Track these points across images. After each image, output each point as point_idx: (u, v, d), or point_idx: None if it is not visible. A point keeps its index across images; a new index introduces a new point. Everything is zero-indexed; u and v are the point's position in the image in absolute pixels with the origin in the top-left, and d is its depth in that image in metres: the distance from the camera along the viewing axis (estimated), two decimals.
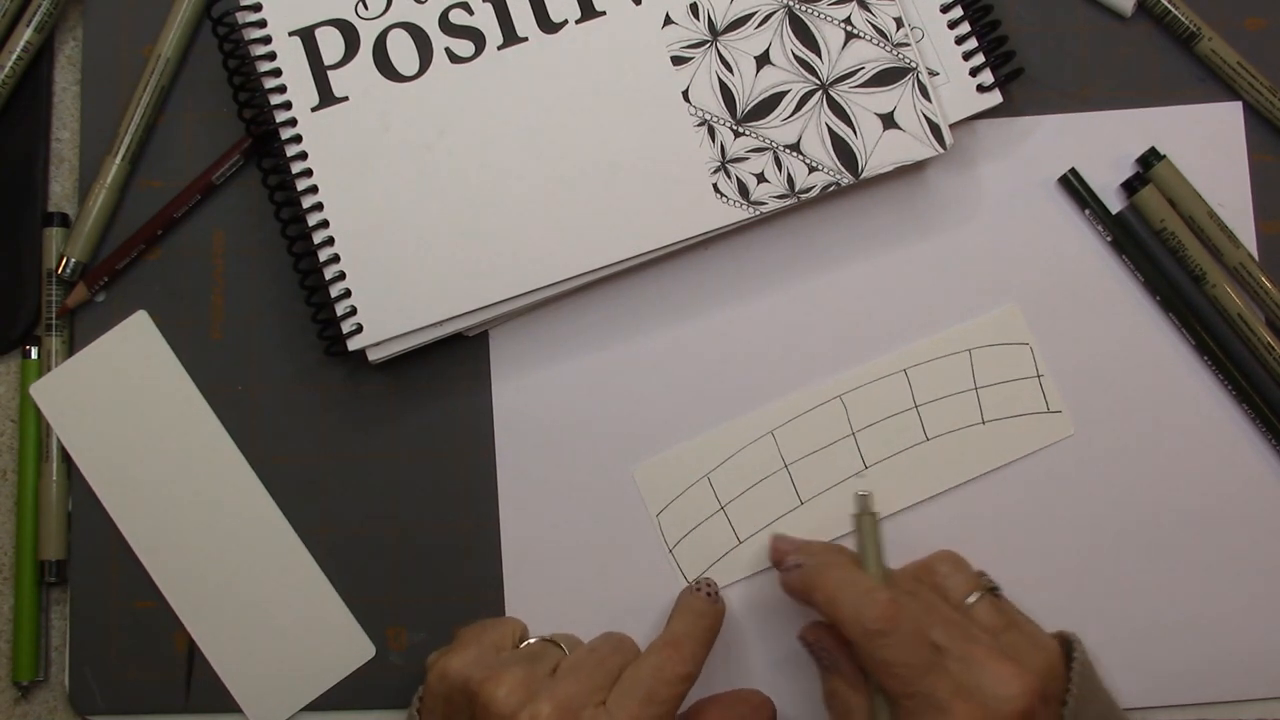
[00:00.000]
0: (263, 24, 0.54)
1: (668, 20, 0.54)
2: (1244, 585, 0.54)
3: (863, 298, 0.55)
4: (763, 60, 0.53)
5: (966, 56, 0.54)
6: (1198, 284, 0.55)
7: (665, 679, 0.48)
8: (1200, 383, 0.55)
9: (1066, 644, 0.49)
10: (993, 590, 0.50)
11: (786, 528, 0.54)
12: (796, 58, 0.54)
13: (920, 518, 0.54)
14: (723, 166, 0.53)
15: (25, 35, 0.55)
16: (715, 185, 0.53)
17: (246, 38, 0.54)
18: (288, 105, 0.53)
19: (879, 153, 0.53)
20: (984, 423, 0.55)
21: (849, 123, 0.53)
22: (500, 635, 0.51)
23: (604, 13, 0.54)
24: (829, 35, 0.54)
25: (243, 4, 0.54)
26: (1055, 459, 0.54)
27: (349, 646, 0.54)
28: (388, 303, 0.52)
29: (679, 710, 0.52)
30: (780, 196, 0.53)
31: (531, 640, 0.52)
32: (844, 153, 0.53)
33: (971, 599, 0.49)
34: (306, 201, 0.53)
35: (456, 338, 0.54)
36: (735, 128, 0.53)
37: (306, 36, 0.53)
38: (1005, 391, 0.55)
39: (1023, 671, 0.45)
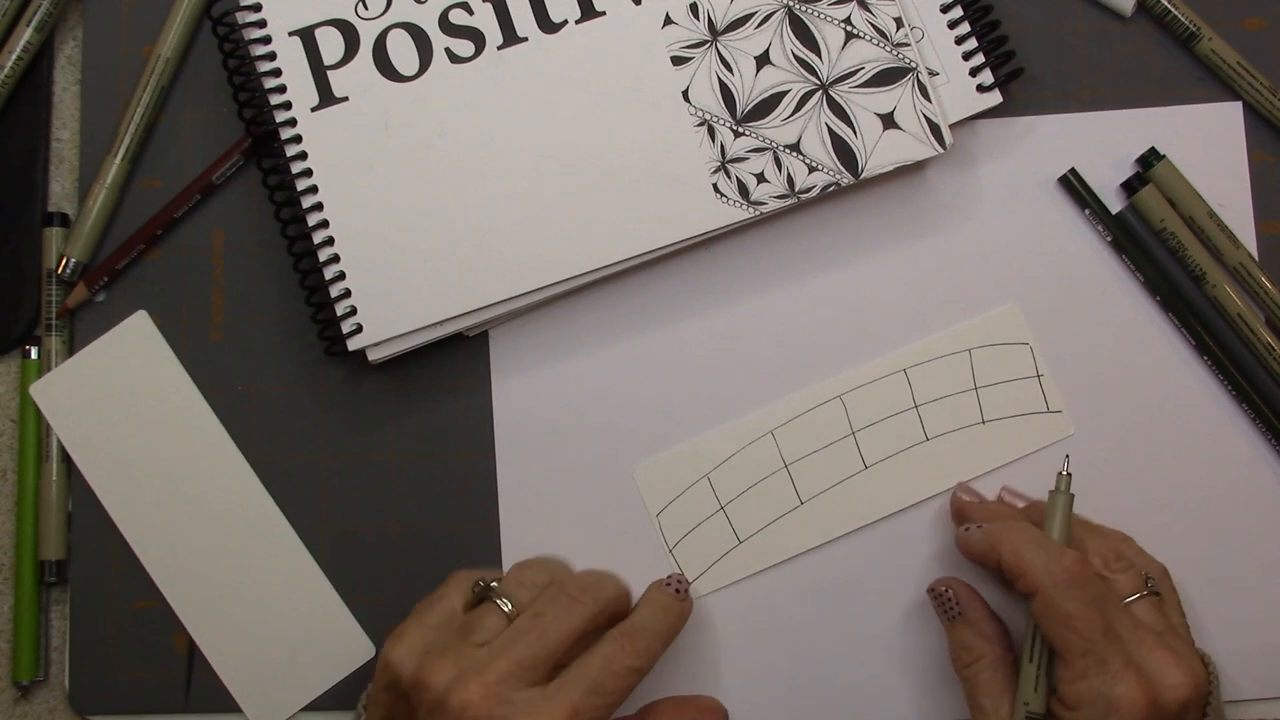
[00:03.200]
0: (263, 24, 0.54)
1: (668, 20, 0.54)
2: (1244, 585, 0.54)
3: (863, 298, 0.55)
4: (763, 60, 0.53)
5: (966, 56, 0.54)
6: (1198, 284, 0.55)
7: (614, 670, 0.47)
8: (1200, 383, 0.55)
9: (1204, 661, 0.49)
10: (1155, 594, 0.50)
11: (786, 528, 0.54)
12: (796, 58, 0.54)
13: (921, 517, 0.54)
14: (723, 166, 0.53)
15: (25, 35, 0.55)
16: (715, 185, 0.53)
17: (246, 38, 0.54)
18: (288, 105, 0.53)
19: (879, 153, 0.53)
20: (984, 422, 0.55)
21: (849, 123, 0.53)
22: (444, 610, 0.49)
23: (604, 13, 0.54)
24: (829, 35, 0.54)
25: (243, 4, 0.54)
26: (1056, 459, 0.54)
27: (349, 646, 0.54)
28: (388, 303, 0.52)
29: (633, 707, 0.51)
30: (780, 196, 0.53)
31: (483, 585, 0.50)
32: (844, 153, 0.53)
33: (1133, 597, 0.49)
34: (306, 201, 0.53)
35: (456, 338, 0.54)
36: (735, 128, 0.53)
37: (306, 36, 0.53)
38: (1005, 391, 0.55)
39: (1185, 665, 0.46)
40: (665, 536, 0.54)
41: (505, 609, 0.48)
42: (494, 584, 0.50)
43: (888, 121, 0.53)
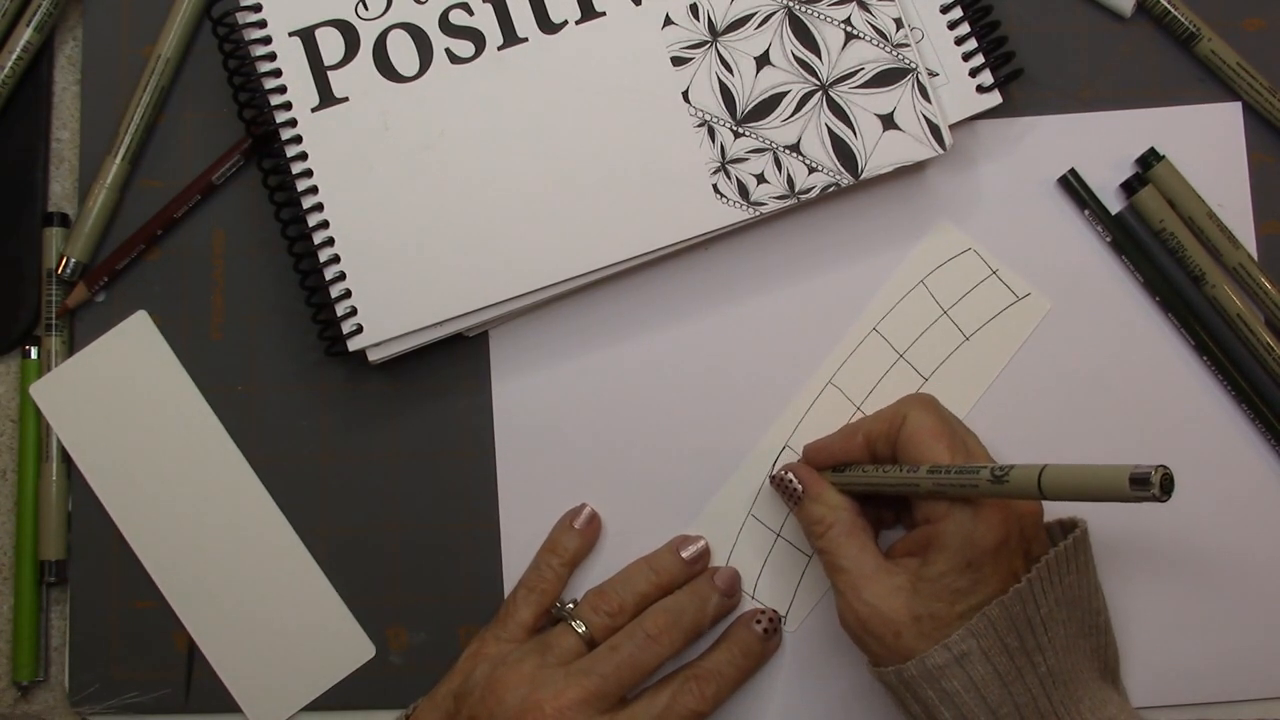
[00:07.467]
0: (263, 24, 0.54)
1: (668, 21, 0.54)
2: (1244, 585, 0.54)
3: (863, 298, 0.55)
4: (763, 61, 0.53)
5: (966, 57, 0.54)
6: (1197, 284, 0.55)
7: (678, 712, 0.49)
8: (1200, 383, 0.55)
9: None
10: None
11: None
12: (796, 58, 0.54)
13: None
14: (723, 167, 0.53)
15: (25, 35, 0.55)
16: (715, 186, 0.53)
17: (246, 38, 0.54)
18: (288, 105, 0.53)
19: (879, 153, 0.53)
20: (968, 338, 0.55)
21: (849, 123, 0.53)
22: (517, 626, 0.51)
23: (604, 13, 0.54)
24: (829, 36, 0.54)
25: (243, 4, 0.54)
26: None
27: (349, 646, 0.54)
28: (388, 303, 0.52)
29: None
30: (780, 197, 0.53)
31: (559, 606, 0.52)
32: (844, 153, 0.53)
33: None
34: (306, 201, 0.53)
35: (456, 338, 0.54)
36: (735, 128, 0.53)
37: (306, 37, 0.53)
38: (971, 302, 0.55)
39: None
40: (743, 585, 0.54)
41: (579, 631, 0.50)
42: (569, 605, 0.51)
43: (887, 122, 0.53)
